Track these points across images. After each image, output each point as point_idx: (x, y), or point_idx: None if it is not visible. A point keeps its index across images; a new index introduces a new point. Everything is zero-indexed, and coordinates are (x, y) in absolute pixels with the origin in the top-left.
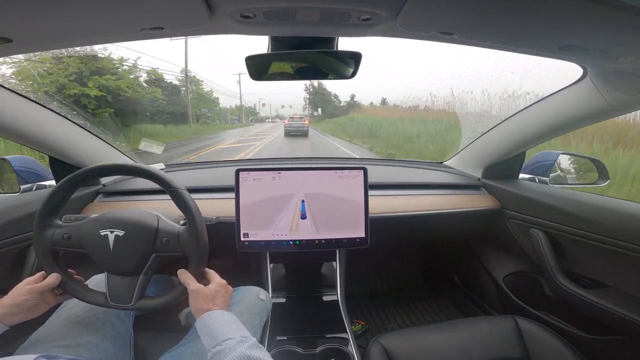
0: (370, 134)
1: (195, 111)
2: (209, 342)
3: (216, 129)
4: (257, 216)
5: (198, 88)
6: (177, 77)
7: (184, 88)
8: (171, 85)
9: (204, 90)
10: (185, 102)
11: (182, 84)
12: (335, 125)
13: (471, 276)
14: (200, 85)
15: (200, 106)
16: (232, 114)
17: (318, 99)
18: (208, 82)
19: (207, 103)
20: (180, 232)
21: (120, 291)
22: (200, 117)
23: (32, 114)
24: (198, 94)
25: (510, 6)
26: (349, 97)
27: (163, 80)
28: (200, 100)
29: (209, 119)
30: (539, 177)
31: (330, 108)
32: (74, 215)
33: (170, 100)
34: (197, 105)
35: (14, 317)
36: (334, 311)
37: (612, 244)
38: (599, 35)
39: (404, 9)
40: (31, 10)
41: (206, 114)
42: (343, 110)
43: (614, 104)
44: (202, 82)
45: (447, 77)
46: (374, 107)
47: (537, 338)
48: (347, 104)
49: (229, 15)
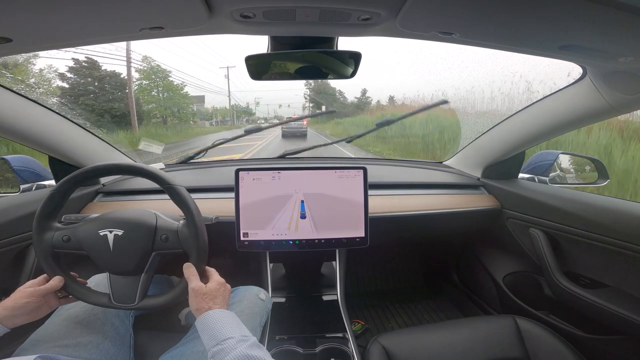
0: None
1: (158, 111)
2: (209, 341)
3: (186, 134)
4: (257, 216)
5: (165, 81)
6: (136, 67)
7: (145, 82)
8: (110, 75)
9: (172, 84)
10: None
11: (141, 76)
12: (349, 128)
13: (471, 276)
14: (168, 77)
15: (168, 104)
16: (222, 114)
17: (321, 97)
18: (179, 75)
19: (176, 99)
20: (180, 229)
21: (123, 291)
22: (171, 118)
23: (31, 113)
24: (165, 87)
25: (510, 6)
26: (360, 93)
27: (97, 68)
28: (168, 98)
29: (180, 119)
30: (538, 176)
31: (336, 106)
32: (73, 215)
33: (111, 95)
34: (163, 102)
35: (16, 320)
36: (334, 311)
37: (611, 243)
38: (599, 35)
39: (404, 8)
40: (31, 10)
41: (175, 113)
42: (351, 108)
43: (613, 104)
44: (170, 73)
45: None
46: (382, 105)
47: (537, 338)
48: (358, 101)
49: (229, 15)
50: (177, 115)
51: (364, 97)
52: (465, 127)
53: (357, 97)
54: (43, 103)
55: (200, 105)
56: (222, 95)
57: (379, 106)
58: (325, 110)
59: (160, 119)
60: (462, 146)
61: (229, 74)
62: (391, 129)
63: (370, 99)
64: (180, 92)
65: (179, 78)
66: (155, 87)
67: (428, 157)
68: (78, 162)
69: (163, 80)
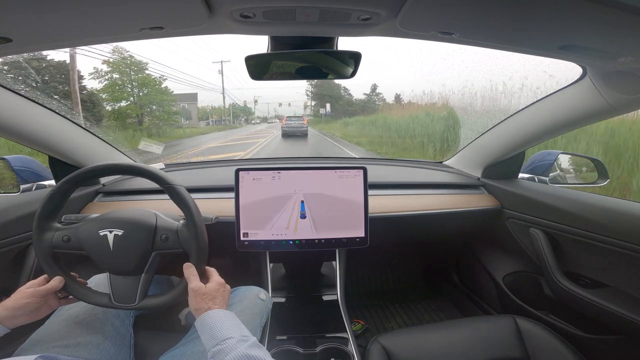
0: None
1: (131, 109)
2: (209, 341)
3: (169, 136)
4: (257, 216)
5: (139, 75)
6: (105, 59)
7: (115, 75)
8: (53, 66)
9: (149, 78)
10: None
11: (110, 69)
12: (368, 130)
13: (471, 276)
14: (145, 70)
15: (143, 101)
16: (217, 113)
17: (325, 94)
18: (164, 70)
19: (152, 96)
20: (179, 229)
21: (123, 291)
22: (150, 118)
23: (31, 113)
24: (140, 82)
25: (510, 6)
26: (370, 89)
27: (38, 57)
28: (145, 95)
29: (160, 119)
30: (538, 176)
31: (343, 104)
32: (73, 215)
33: (53, 90)
34: (138, 100)
35: (16, 320)
36: (334, 311)
37: (611, 243)
38: (598, 35)
39: (404, 8)
40: (31, 10)
41: (154, 112)
42: (360, 106)
43: (613, 103)
44: (147, 65)
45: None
46: (388, 104)
47: (537, 337)
48: (367, 98)
49: (229, 15)
50: (156, 114)
51: (374, 93)
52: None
53: (365, 93)
54: (43, 103)
55: (192, 103)
56: (217, 93)
57: (386, 104)
58: (329, 109)
59: (136, 119)
60: (462, 146)
61: (222, 69)
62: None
63: (382, 95)
64: (158, 87)
65: (157, 71)
66: (129, 81)
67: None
68: (78, 162)
69: (138, 74)
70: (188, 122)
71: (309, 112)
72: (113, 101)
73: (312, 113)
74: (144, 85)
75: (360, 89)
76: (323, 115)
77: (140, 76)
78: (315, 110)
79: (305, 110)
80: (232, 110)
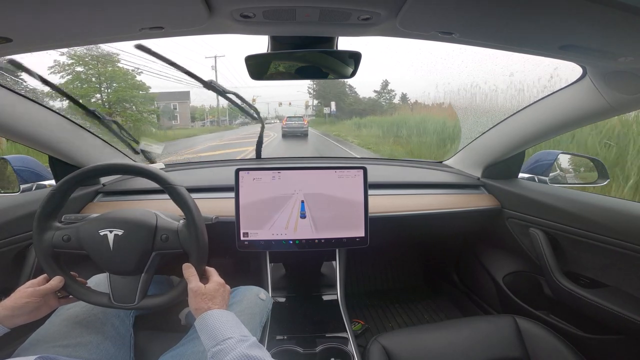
0: None
1: (97, 107)
2: (208, 341)
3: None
4: (257, 216)
5: (108, 68)
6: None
7: (79, 69)
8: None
9: (119, 72)
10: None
11: (72, 61)
12: (390, 132)
13: (471, 276)
14: (117, 63)
15: (111, 99)
16: (211, 113)
17: (329, 92)
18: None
19: (121, 92)
20: (180, 229)
21: (123, 291)
22: (122, 118)
23: (31, 113)
24: (108, 76)
25: (510, 6)
26: (380, 86)
27: None
28: (115, 91)
29: (135, 120)
30: (538, 176)
31: (349, 102)
32: (73, 215)
33: None
34: (105, 97)
35: (16, 319)
36: (334, 310)
37: (611, 243)
38: (599, 35)
39: (404, 8)
40: (31, 10)
41: (127, 110)
42: (370, 105)
43: (613, 103)
44: (117, 56)
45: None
46: (408, 103)
47: (537, 337)
48: (378, 96)
49: (229, 15)
50: (128, 114)
51: (385, 90)
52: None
53: (376, 90)
54: (43, 103)
55: (183, 102)
56: (211, 91)
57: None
58: (334, 108)
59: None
60: (462, 146)
61: (216, 65)
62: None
63: (394, 92)
64: (131, 81)
65: (132, 64)
66: (96, 75)
67: None
68: (78, 162)
69: (106, 67)
70: (178, 122)
71: (310, 112)
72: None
73: (314, 112)
74: (113, 79)
75: (367, 86)
76: (327, 115)
77: (110, 69)
78: (318, 109)
79: (307, 110)
80: (228, 110)
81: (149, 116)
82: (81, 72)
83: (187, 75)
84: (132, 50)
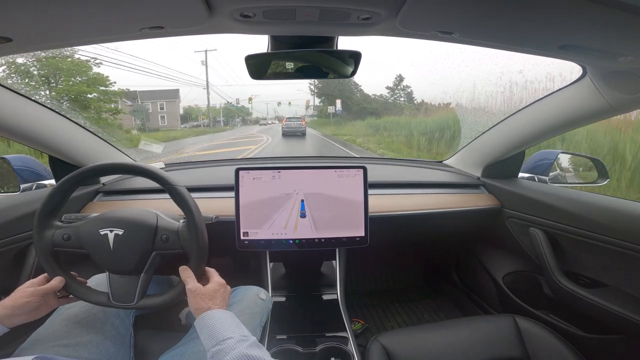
0: None
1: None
2: (208, 341)
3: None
4: (257, 215)
5: (56, 59)
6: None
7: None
8: None
9: (64, 61)
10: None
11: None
12: (426, 137)
13: (470, 275)
14: (62, 51)
15: (56, 94)
16: (203, 113)
17: (333, 88)
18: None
19: (67, 87)
20: (180, 229)
21: (122, 290)
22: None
23: (31, 113)
24: (51, 68)
25: (510, 6)
26: (393, 82)
27: None
28: (66, 88)
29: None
30: (538, 176)
31: (358, 100)
32: (73, 215)
33: None
34: (49, 92)
35: (16, 319)
36: (334, 310)
37: (611, 243)
38: (598, 35)
39: (404, 8)
40: (31, 10)
41: (87, 110)
42: (381, 103)
43: (613, 103)
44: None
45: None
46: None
47: (536, 337)
48: (391, 93)
49: (229, 15)
50: (85, 114)
51: (399, 87)
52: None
53: (389, 87)
54: (43, 103)
55: (172, 101)
56: (200, 88)
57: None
58: (340, 106)
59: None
60: (462, 145)
61: (207, 60)
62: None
63: (411, 89)
64: (84, 73)
65: (92, 53)
66: (40, 67)
67: None
68: (78, 162)
69: (55, 57)
70: (166, 124)
71: (311, 112)
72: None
73: (316, 112)
74: (57, 72)
75: (373, 84)
76: (332, 115)
77: (57, 59)
78: (321, 108)
79: (307, 110)
80: (222, 110)
81: (109, 118)
82: (21, 65)
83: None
84: (130, 49)
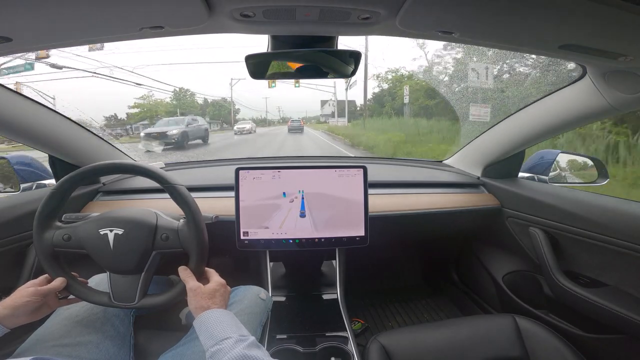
0: None
1: None
2: (207, 341)
3: None
4: (257, 215)
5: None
6: None
7: None
8: None
9: None
10: None
11: None
12: None
13: (470, 275)
14: None
15: None
16: (211, 116)
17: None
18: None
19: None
20: (180, 228)
21: (123, 290)
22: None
23: (31, 112)
24: None
25: (510, 5)
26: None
27: None
28: None
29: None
30: (538, 175)
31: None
32: (74, 214)
33: None
34: None
35: (16, 319)
36: (334, 310)
37: (611, 242)
38: (598, 34)
39: (404, 7)
40: (31, 10)
41: None
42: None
43: (613, 103)
44: None
45: None
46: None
47: (536, 336)
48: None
49: (229, 14)
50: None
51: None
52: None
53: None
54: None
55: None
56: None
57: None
58: (408, 99)
59: None
60: (462, 145)
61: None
62: None
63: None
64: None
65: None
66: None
67: None
68: (78, 161)
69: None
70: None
71: (331, 110)
72: None
73: (337, 112)
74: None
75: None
76: (352, 114)
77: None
78: (375, 105)
79: (323, 108)
80: (212, 110)
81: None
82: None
83: None
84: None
